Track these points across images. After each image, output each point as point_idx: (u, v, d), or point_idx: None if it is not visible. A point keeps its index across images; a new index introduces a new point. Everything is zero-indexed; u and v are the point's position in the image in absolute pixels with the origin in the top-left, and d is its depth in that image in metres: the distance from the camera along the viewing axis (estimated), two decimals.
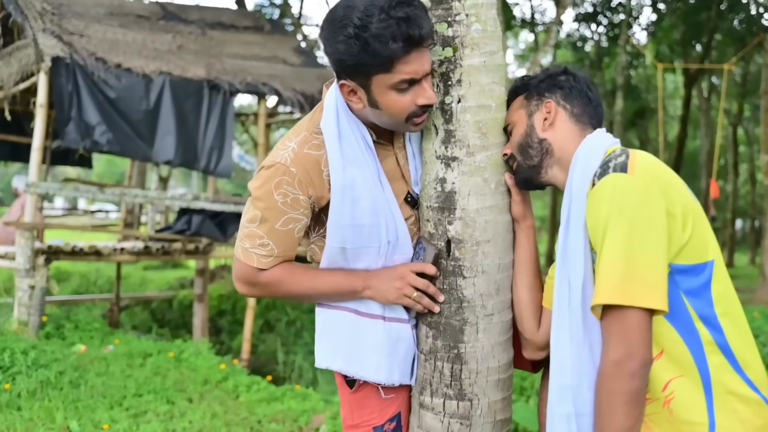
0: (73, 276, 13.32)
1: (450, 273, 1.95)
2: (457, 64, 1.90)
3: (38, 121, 7.40)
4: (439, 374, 1.99)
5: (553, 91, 1.92)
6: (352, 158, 1.91)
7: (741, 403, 1.66)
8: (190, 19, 9.72)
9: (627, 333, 1.59)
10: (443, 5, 1.90)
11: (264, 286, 1.99)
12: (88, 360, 6.22)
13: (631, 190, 1.64)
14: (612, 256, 1.61)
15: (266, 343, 9.85)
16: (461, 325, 1.96)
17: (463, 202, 1.93)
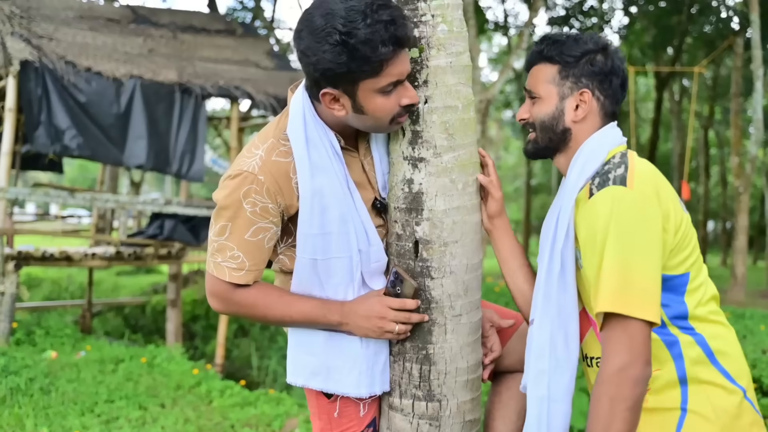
0: (44, 282, 13.19)
1: (418, 274, 1.94)
2: (423, 65, 1.90)
3: (7, 126, 7.34)
4: (408, 375, 1.98)
5: (591, 78, 1.84)
6: (320, 165, 1.87)
7: (716, 392, 1.72)
8: (161, 22, 9.67)
9: (631, 341, 1.62)
10: (409, 6, 1.90)
11: (237, 306, 1.94)
12: (59, 366, 6.17)
13: (629, 205, 1.67)
14: (613, 267, 1.64)
15: (240, 347, 9.82)
16: (429, 326, 1.95)
17: (430, 203, 1.92)
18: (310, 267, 1.92)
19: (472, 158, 1.97)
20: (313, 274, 1.94)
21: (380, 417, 2.09)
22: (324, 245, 1.90)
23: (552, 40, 1.86)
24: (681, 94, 23.93)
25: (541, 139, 1.89)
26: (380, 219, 2.01)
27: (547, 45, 1.86)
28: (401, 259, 1.97)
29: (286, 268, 2.01)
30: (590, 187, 1.75)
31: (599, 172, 1.77)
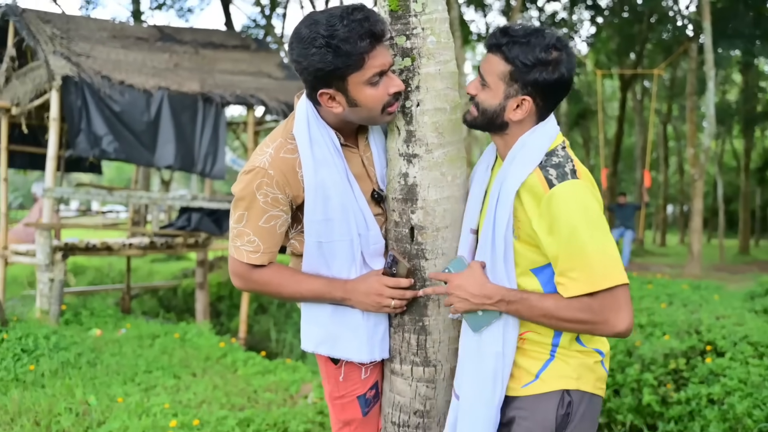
0: (88, 269, 13.19)
1: (414, 256, 1.95)
2: (415, 72, 1.90)
3: (52, 134, 7.32)
4: (407, 344, 2.00)
5: (536, 87, 1.76)
6: (323, 161, 1.89)
7: (576, 353, 1.83)
8: (185, 40, 9.62)
9: (627, 305, 1.68)
10: (401, 21, 1.90)
11: (256, 284, 1.97)
12: (103, 342, 6.18)
13: (587, 195, 1.72)
14: (598, 251, 1.68)
15: (260, 323, 9.83)
16: (425, 301, 1.96)
17: (423, 193, 1.93)
18: (317, 249, 1.94)
19: (459, 153, 1.97)
20: (319, 255, 1.95)
21: (383, 381, 2.11)
22: (327, 230, 1.92)
23: (512, 39, 1.75)
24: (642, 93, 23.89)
25: (480, 120, 1.84)
26: (379, 208, 2.01)
27: (507, 43, 1.75)
28: (399, 243, 1.98)
29: (297, 251, 2.03)
30: (546, 176, 1.74)
31: (551, 164, 1.76)
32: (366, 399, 2.07)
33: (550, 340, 1.83)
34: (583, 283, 1.68)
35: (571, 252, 1.69)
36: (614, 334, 1.69)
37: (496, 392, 1.82)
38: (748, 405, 4.55)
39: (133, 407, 4.30)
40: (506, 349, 1.81)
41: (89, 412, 4.28)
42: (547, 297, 1.75)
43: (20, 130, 8.56)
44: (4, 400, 4.43)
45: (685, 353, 5.28)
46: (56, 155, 7.42)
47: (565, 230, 1.69)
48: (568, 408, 1.79)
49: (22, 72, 8.03)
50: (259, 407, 4.60)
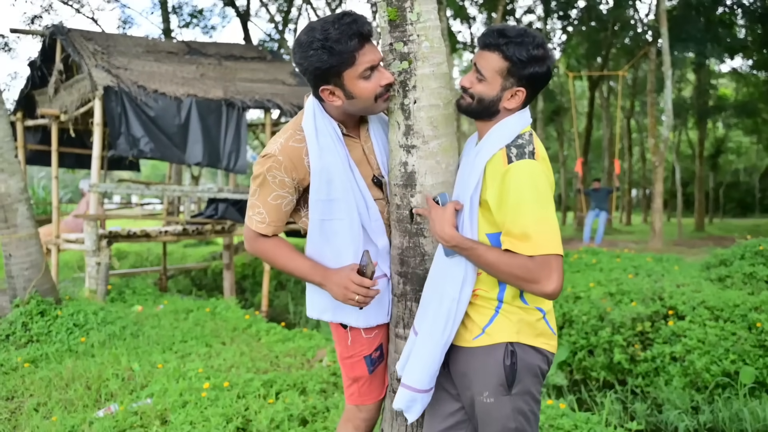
0: (130, 254, 13.19)
1: (414, 234, 1.94)
2: (412, 74, 1.89)
3: (96, 137, 7.30)
4: (409, 311, 1.99)
5: (531, 81, 1.79)
6: (326, 148, 1.91)
7: (518, 310, 1.82)
8: (209, 53, 9.57)
9: (558, 271, 1.67)
10: (399, 29, 1.88)
11: (258, 250, 2.00)
12: (144, 317, 6.18)
13: (539, 173, 1.72)
14: (540, 221, 1.67)
15: (280, 298, 9.82)
16: (424, 273, 1.96)
17: (421, 179, 1.92)
18: (319, 227, 1.95)
19: (452, 144, 1.95)
20: (321, 232, 1.95)
21: (388, 343, 2.11)
22: (329, 209, 1.92)
23: (509, 40, 1.75)
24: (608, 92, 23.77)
25: (476, 108, 1.83)
26: (380, 192, 2.01)
27: (506, 43, 1.75)
28: (401, 224, 1.97)
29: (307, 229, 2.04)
30: (508, 153, 1.75)
31: (515, 144, 1.77)
32: (372, 359, 2.07)
33: (495, 296, 1.82)
34: (523, 246, 1.68)
35: (516, 220, 1.68)
36: (542, 293, 1.68)
37: (446, 332, 1.82)
38: (706, 361, 4.56)
39: (172, 372, 4.31)
40: (461, 296, 1.81)
41: (133, 377, 4.29)
42: (492, 250, 1.74)
43: (68, 134, 8.56)
44: (60, 368, 4.45)
45: (650, 317, 5.28)
46: (100, 155, 7.41)
47: (513, 200, 1.69)
48: (512, 358, 1.77)
49: (69, 84, 7.99)
50: (280, 370, 4.61)
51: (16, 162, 5.53)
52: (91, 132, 8.35)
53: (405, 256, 1.96)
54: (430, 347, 1.82)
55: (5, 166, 5.42)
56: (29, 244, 5.56)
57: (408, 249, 1.96)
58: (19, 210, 5.50)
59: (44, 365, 4.60)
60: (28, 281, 5.52)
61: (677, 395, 4.48)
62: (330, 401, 3.80)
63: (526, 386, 1.79)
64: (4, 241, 5.54)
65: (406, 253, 1.96)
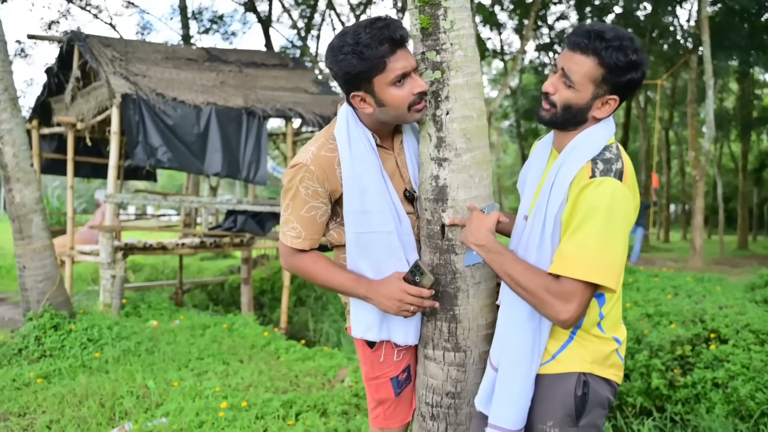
0: (145, 267, 13.35)
1: (445, 251, 1.94)
2: (444, 84, 1.89)
3: (113, 145, 7.42)
4: (439, 332, 1.98)
5: (624, 90, 1.70)
6: (359, 157, 1.92)
7: (594, 338, 1.77)
8: (230, 60, 9.70)
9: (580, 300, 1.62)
10: (432, 37, 1.89)
11: (295, 267, 1.99)
12: (160, 332, 6.24)
13: (621, 198, 1.63)
14: (595, 242, 1.59)
15: (299, 315, 9.85)
16: (455, 291, 1.95)
17: (453, 194, 1.92)
18: (355, 241, 1.94)
19: (485, 157, 1.95)
20: (358, 246, 1.95)
21: (417, 365, 2.10)
22: (364, 221, 1.92)
23: (608, 43, 1.64)
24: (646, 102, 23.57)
25: (561, 116, 1.73)
26: (410, 207, 2.01)
27: (604, 47, 1.64)
28: (431, 240, 1.97)
29: (335, 241, 2.05)
30: (593, 168, 1.67)
31: (602, 158, 1.69)
32: (398, 381, 2.07)
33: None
34: (555, 264, 1.63)
35: (571, 236, 1.62)
36: (554, 320, 1.64)
37: (533, 364, 1.77)
38: (750, 388, 4.46)
39: (188, 390, 4.34)
40: (542, 326, 1.77)
41: (148, 395, 4.32)
42: (520, 262, 1.70)
43: (84, 143, 8.72)
44: (73, 384, 4.50)
45: (691, 340, 5.19)
46: (117, 165, 7.52)
47: (580, 217, 1.61)
48: (584, 389, 1.73)
49: (86, 91, 8.16)
50: (300, 390, 4.62)
51: (32, 171, 5.65)
52: (107, 141, 8.49)
53: (435, 274, 1.96)
54: (518, 383, 1.76)
55: (21, 176, 5.54)
56: (44, 256, 5.66)
57: (438, 266, 1.95)
58: (34, 221, 5.61)
59: (57, 381, 4.66)
60: (42, 294, 5.61)
61: (719, 424, 4.38)
62: (352, 424, 3.78)
63: (593, 419, 1.76)
64: (18, 253, 5.65)
65: (437, 270, 1.96)
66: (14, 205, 5.55)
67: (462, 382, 1.98)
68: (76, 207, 12.49)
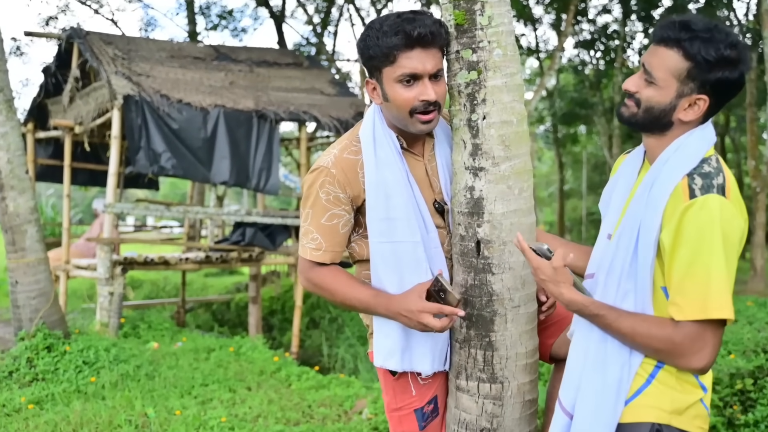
0: (144, 283, 13.46)
1: (480, 270, 1.93)
2: (481, 85, 1.89)
3: (113, 151, 7.52)
4: (473, 360, 1.97)
5: (715, 87, 1.62)
6: (385, 161, 1.94)
7: (676, 381, 1.66)
8: (240, 58, 9.81)
9: (713, 344, 1.56)
10: (468, 34, 1.89)
11: (314, 284, 1.99)
12: (161, 355, 6.27)
13: (730, 216, 1.57)
14: (722, 275, 1.54)
15: (312, 338, 9.85)
16: (491, 316, 1.94)
17: (490, 207, 1.91)
18: (380, 252, 1.94)
19: (526, 166, 1.94)
20: (382, 259, 1.94)
21: (448, 397, 2.08)
22: (390, 229, 1.92)
23: (694, 33, 1.59)
24: None
25: (642, 118, 1.68)
26: (440, 219, 2.01)
27: (689, 38, 1.59)
28: (465, 258, 1.95)
29: (356, 255, 2.06)
30: (690, 184, 1.60)
31: (700, 173, 1.61)
32: (423, 413, 2.05)
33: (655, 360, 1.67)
34: (673, 308, 1.57)
35: (684, 273, 1.55)
36: (688, 368, 1.59)
37: (618, 407, 1.66)
38: None
39: (191, 420, 4.35)
40: (633, 359, 1.66)
41: (148, 425, 4.34)
42: (628, 316, 1.63)
43: (82, 148, 8.84)
44: (67, 411, 4.53)
45: (753, 373, 5.08)
46: (117, 172, 7.61)
47: (690, 247, 1.55)
48: None
49: (86, 92, 8.29)
50: (314, 422, 4.60)
51: (27, 178, 5.74)
52: (107, 146, 8.60)
53: (469, 296, 1.95)
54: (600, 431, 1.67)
55: (15, 183, 5.63)
56: (38, 270, 5.73)
57: (473, 287, 1.94)
58: (28, 232, 5.69)
59: (50, 407, 4.70)
60: (35, 312, 5.68)
61: None
62: None
63: None
64: (10, 267, 5.72)
65: (471, 292, 1.95)
66: (7, 215, 5.63)
67: (498, 417, 1.96)
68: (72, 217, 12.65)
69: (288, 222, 8.40)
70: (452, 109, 1.97)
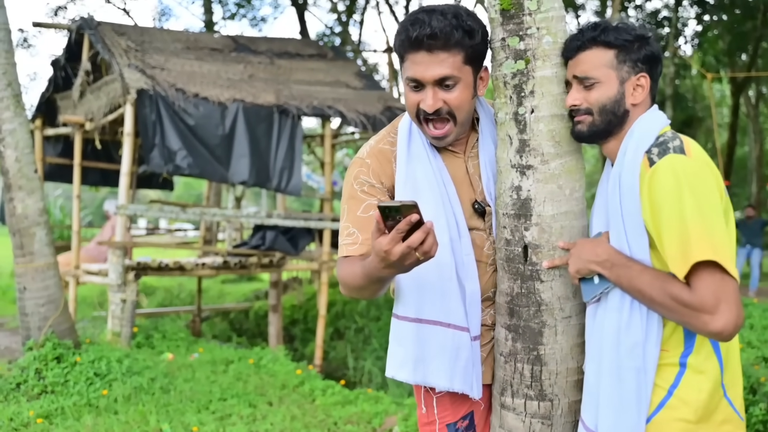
0: (158, 290, 13.60)
1: (528, 277, 1.91)
2: (529, 76, 1.87)
3: (126, 149, 7.59)
4: (520, 375, 1.94)
5: (647, 62, 1.82)
6: (417, 155, 1.97)
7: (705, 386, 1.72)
8: (260, 50, 9.87)
9: (731, 297, 1.59)
10: (514, 20, 1.86)
11: (342, 282, 1.92)
12: (176, 367, 6.32)
13: (694, 171, 1.67)
14: (699, 223, 1.61)
15: (336, 349, 9.88)
16: (540, 327, 1.91)
17: (538, 208, 1.88)
18: None
19: (578, 164, 1.92)
20: None
21: (492, 415, 2.06)
22: None
23: (603, 27, 1.82)
24: (757, 98, 23.00)
25: (600, 122, 1.82)
26: (480, 221, 2.00)
27: (600, 31, 1.81)
28: (511, 264, 1.93)
29: None
30: (648, 157, 1.73)
31: (656, 144, 1.75)
32: (456, 429, 2.04)
33: (677, 360, 1.74)
34: (674, 265, 1.63)
35: (668, 227, 1.64)
36: (707, 332, 1.61)
37: (641, 416, 1.73)
38: None
39: None
40: (647, 364, 1.73)
41: None
42: (647, 271, 1.70)
43: (93, 146, 8.95)
44: (78, 426, 4.59)
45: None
46: (130, 171, 7.69)
47: (662, 205, 1.65)
48: None
49: (97, 86, 8.39)
50: None
51: (36, 178, 5.82)
52: (119, 143, 8.70)
53: (515, 305, 1.93)
54: None
55: (23, 183, 5.71)
56: (47, 276, 5.81)
57: (519, 296, 1.92)
58: (37, 235, 5.77)
59: (60, 422, 4.76)
60: (43, 320, 5.76)
61: None
62: None
63: None
64: (18, 272, 5.81)
65: (517, 301, 1.92)
66: (15, 217, 5.72)
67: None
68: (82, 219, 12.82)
69: (311, 225, 8.42)
70: (497, 101, 1.95)
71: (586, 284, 1.83)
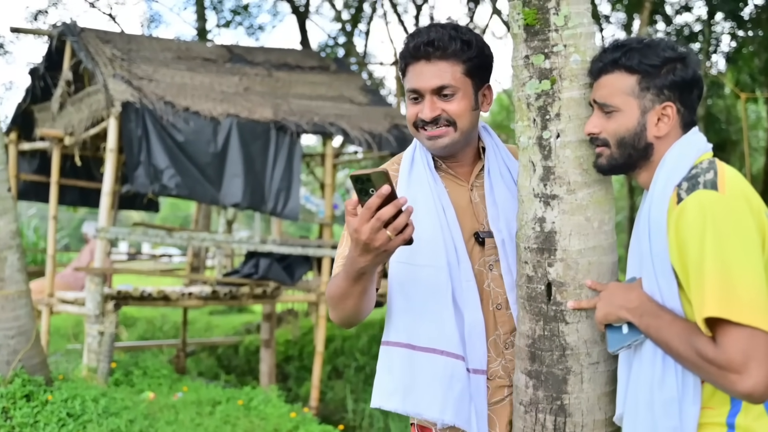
0: (139, 321, 13.56)
1: (551, 318, 1.89)
2: (555, 97, 1.87)
3: (108, 166, 7.59)
4: (541, 427, 1.92)
5: (673, 89, 1.77)
6: (418, 180, 2.06)
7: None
8: (256, 60, 9.92)
9: (762, 357, 1.54)
10: (539, 36, 1.87)
11: (328, 299, 1.98)
12: (158, 408, 6.27)
13: (723, 210, 1.62)
14: (715, 272, 1.58)
15: (334, 390, 9.82)
16: (564, 374, 1.89)
17: (564, 242, 1.88)
18: (398, 274, 1.99)
19: (607, 195, 1.91)
20: (400, 283, 1.99)
21: None
22: (412, 251, 1.93)
23: (628, 48, 1.78)
24: None
25: (619, 155, 1.81)
26: (480, 251, 2.04)
27: (623, 53, 1.78)
28: (533, 303, 1.92)
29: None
30: (677, 192, 1.70)
31: (687, 178, 1.72)
32: None
33: (723, 419, 1.68)
34: (695, 312, 1.61)
35: (691, 274, 1.62)
36: (733, 392, 1.57)
37: None
38: None
39: None
40: (685, 424, 1.68)
41: None
42: (679, 322, 1.67)
43: (72, 163, 8.96)
44: None
45: None
46: (112, 190, 7.69)
47: (688, 249, 1.63)
48: None
49: (78, 97, 8.42)
50: None
51: (9, 197, 5.82)
52: (101, 160, 8.72)
53: (537, 349, 1.91)
54: None
55: None
56: (18, 305, 5.78)
57: (542, 339, 1.90)
58: (9, 259, 5.75)
59: None
60: (13, 353, 5.72)
61: None
62: None
63: None
64: None
65: (540, 344, 1.91)
66: None
67: None
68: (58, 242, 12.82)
69: (309, 252, 8.39)
70: (519, 124, 1.95)
71: (613, 332, 1.81)
